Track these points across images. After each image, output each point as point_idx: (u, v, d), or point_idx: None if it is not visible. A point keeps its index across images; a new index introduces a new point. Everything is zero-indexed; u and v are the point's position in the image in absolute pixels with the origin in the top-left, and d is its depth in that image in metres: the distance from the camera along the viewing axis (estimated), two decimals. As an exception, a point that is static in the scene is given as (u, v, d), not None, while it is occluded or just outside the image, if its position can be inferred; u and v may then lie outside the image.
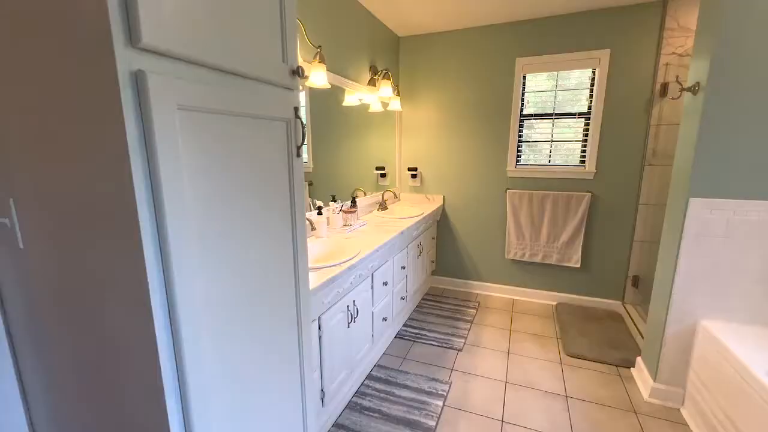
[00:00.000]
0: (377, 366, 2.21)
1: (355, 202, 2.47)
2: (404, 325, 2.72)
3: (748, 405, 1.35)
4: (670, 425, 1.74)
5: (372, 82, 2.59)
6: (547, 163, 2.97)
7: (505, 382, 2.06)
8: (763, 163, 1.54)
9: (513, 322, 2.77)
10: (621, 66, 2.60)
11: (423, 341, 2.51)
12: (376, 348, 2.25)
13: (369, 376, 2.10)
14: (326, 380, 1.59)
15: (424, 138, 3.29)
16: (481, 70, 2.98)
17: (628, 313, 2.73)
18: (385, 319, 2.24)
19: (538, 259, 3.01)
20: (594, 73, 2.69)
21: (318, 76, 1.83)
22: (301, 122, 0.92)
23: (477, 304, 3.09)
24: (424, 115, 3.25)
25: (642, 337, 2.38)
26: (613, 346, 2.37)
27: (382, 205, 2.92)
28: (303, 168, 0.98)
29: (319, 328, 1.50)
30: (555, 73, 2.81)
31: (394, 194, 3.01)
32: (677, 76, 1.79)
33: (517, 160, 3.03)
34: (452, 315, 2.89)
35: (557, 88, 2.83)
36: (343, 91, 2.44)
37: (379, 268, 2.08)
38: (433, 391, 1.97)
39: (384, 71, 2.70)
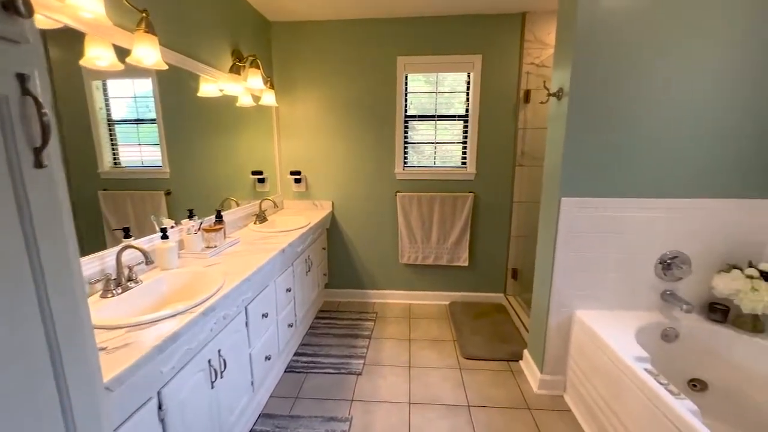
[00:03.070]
0: (263, 417, 1.80)
1: (221, 217, 1.99)
2: (296, 355, 2.35)
3: (618, 386, 1.45)
4: (558, 414, 1.82)
5: (235, 70, 2.13)
6: (432, 164, 2.97)
7: (409, 403, 1.90)
8: (616, 164, 1.70)
9: (411, 330, 2.67)
10: (492, 71, 2.73)
11: (318, 370, 2.18)
12: (260, 395, 1.84)
13: (251, 435, 1.68)
14: (180, 473, 1.14)
15: (306, 138, 2.95)
16: (364, 67, 2.80)
17: (511, 304, 2.92)
18: (268, 358, 1.85)
19: (430, 261, 3.00)
20: (469, 77, 2.78)
21: (145, 51, 1.33)
22: (37, 103, 0.50)
23: (375, 315, 2.91)
24: (305, 113, 2.91)
25: (524, 325, 2.53)
26: (503, 340, 2.46)
27: (261, 217, 2.48)
28: (58, 184, 0.56)
29: (160, 408, 1.04)
30: (434, 74, 2.82)
31: (274, 203, 2.60)
32: (544, 82, 1.88)
33: (405, 162, 2.95)
34: (349, 332, 2.63)
35: (437, 90, 2.84)
36: (196, 77, 1.93)
37: (255, 298, 1.68)
38: (332, 435, 1.68)
39: (251, 58, 2.26)
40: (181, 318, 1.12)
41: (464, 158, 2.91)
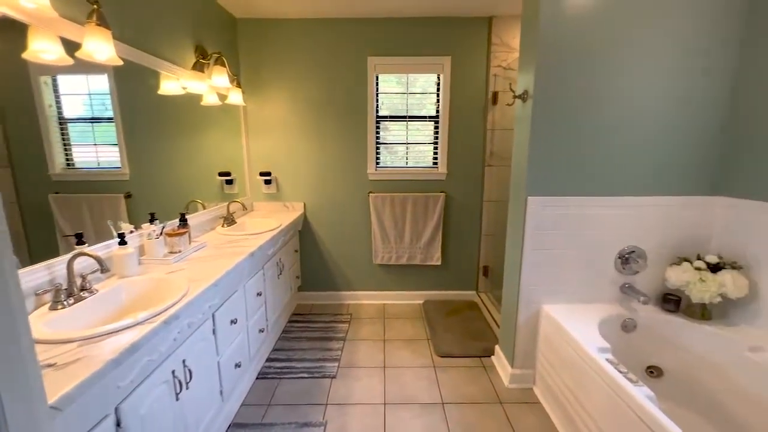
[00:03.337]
0: (233, 426, 1.74)
1: (186, 221, 1.90)
2: (268, 360, 2.29)
3: (583, 376, 1.51)
4: (528, 407, 1.88)
5: (199, 67, 2.05)
6: (404, 165, 2.99)
7: (384, 404, 1.90)
8: (578, 164, 1.78)
9: (386, 331, 2.67)
10: (461, 73, 2.78)
11: (291, 375, 2.14)
12: (230, 404, 1.77)
13: (220, 446, 1.62)
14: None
15: (277, 138, 2.88)
16: (335, 67, 2.77)
17: (482, 301, 2.99)
18: (238, 366, 1.79)
19: (403, 261, 3.01)
20: (439, 78, 2.82)
21: (97, 46, 1.25)
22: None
23: (349, 317, 2.89)
24: (275, 113, 2.84)
25: (496, 321, 2.59)
26: (475, 337, 2.51)
27: (229, 220, 2.40)
28: None
29: (118, 425, 0.98)
30: (405, 75, 2.83)
31: (243, 205, 2.52)
32: (510, 84, 1.93)
33: (377, 163, 2.95)
34: (324, 335, 2.60)
35: (408, 91, 2.86)
36: (157, 74, 1.84)
37: (222, 304, 1.62)
38: (305, 441, 1.65)
39: (216, 55, 2.18)
40: (141, 328, 1.06)
41: (435, 158, 2.95)
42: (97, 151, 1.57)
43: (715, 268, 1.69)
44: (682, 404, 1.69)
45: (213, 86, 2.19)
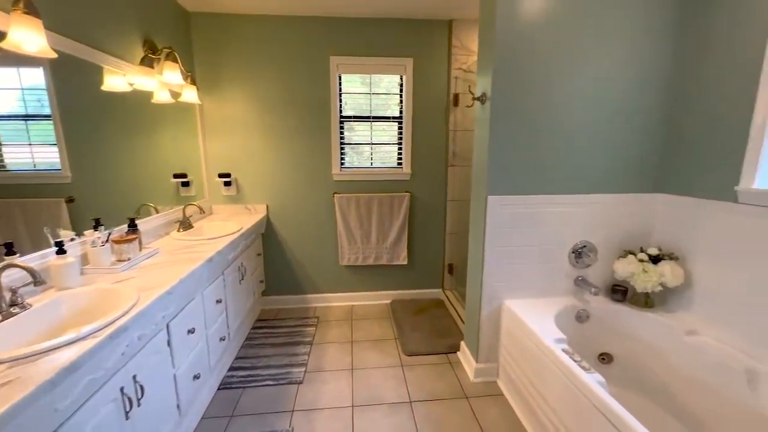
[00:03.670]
0: (192, 441, 1.66)
1: (136, 226, 1.78)
2: (231, 369, 2.20)
3: (541, 366, 1.58)
4: (492, 399, 1.94)
5: (148, 62, 1.92)
6: (369, 165, 2.99)
7: (352, 406, 1.89)
8: (534, 164, 1.86)
9: (354, 332, 2.65)
10: (423, 75, 2.82)
11: (256, 383, 2.07)
12: (189, 419, 1.68)
13: (178, 464, 1.53)
14: None
15: (236, 138, 2.78)
16: (296, 66, 2.71)
17: (448, 298, 3.05)
18: (197, 377, 1.70)
19: (370, 261, 3.01)
20: (402, 79, 2.84)
21: (25, 36, 1.13)
22: None
23: (316, 320, 2.84)
24: (234, 112, 2.74)
25: (461, 318, 2.66)
26: (442, 334, 2.55)
27: (185, 224, 2.27)
28: None
29: (57, 452, 0.90)
30: (368, 76, 2.83)
31: (201, 208, 2.40)
32: (469, 86, 1.99)
33: (342, 163, 2.92)
34: (290, 340, 2.54)
35: (371, 92, 2.86)
36: (99, 69, 1.71)
37: (178, 313, 1.53)
38: (271, 450, 1.60)
39: (167, 51, 2.06)
40: (84, 344, 0.97)
41: (400, 159, 2.97)
42: (32, 152, 1.44)
43: (655, 260, 1.84)
44: (630, 387, 1.82)
45: (164, 83, 2.07)
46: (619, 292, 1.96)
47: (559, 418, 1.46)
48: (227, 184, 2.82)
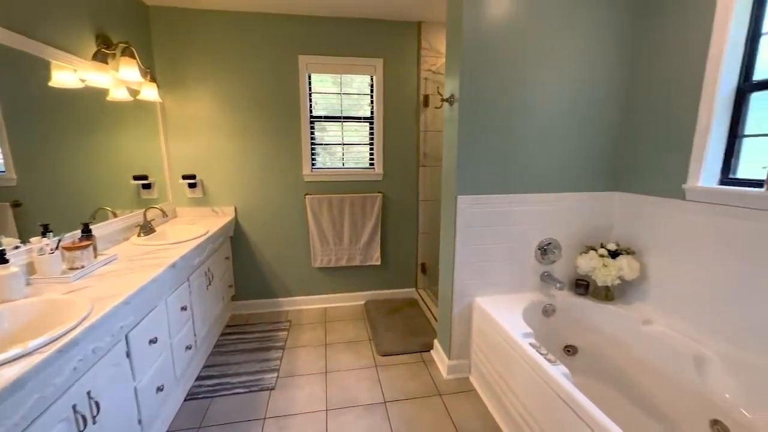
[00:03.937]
0: (156, 457, 1.58)
1: (90, 231, 1.67)
2: (198, 379, 2.11)
3: (510, 361, 1.63)
4: (465, 396, 1.98)
5: (101, 57, 1.81)
6: (341, 166, 2.96)
7: (326, 410, 1.86)
8: (501, 164, 1.91)
9: (327, 335, 2.62)
10: (393, 76, 2.83)
11: (225, 392, 2.00)
12: (151, 433, 1.60)
13: (141, 482, 1.45)
14: None
15: (201, 139, 2.67)
16: (264, 64, 2.65)
17: (422, 297, 3.08)
18: (161, 389, 1.62)
19: (343, 262, 2.99)
20: (372, 80, 2.84)
21: (-44, 26, 1.03)
22: None
23: (289, 324, 2.78)
24: (198, 111, 2.63)
25: (434, 317, 2.69)
26: (415, 334, 2.57)
27: (146, 228, 2.16)
28: None
29: (-2, 479, 0.83)
30: (339, 76, 2.81)
31: (163, 212, 2.29)
32: (438, 88, 2.01)
33: (313, 164, 2.88)
34: (261, 345, 2.47)
35: (342, 92, 2.84)
36: (46, 63, 1.59)
37: (138, 323, 1.45)
38: (241, 461, 1.55)
39: (123, 46, 1.95)
40: (29, 360, 0.90)
41: (372, 159, 2.96)
42: (-32, 153, 1.32)
43: (614, 254, 1.94)
44: (594, 377, 1.90)
45: (121, 80, 1.96)
46: (582, 286, 2.05)
47: (528, 410, 1.50)
48: (192, 185, 2.71)
